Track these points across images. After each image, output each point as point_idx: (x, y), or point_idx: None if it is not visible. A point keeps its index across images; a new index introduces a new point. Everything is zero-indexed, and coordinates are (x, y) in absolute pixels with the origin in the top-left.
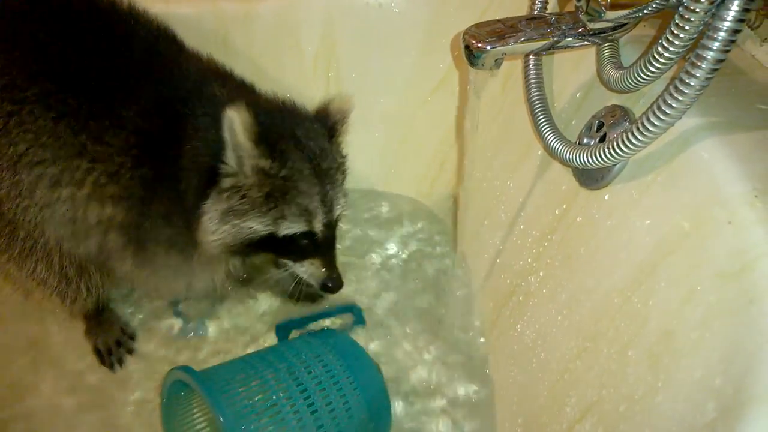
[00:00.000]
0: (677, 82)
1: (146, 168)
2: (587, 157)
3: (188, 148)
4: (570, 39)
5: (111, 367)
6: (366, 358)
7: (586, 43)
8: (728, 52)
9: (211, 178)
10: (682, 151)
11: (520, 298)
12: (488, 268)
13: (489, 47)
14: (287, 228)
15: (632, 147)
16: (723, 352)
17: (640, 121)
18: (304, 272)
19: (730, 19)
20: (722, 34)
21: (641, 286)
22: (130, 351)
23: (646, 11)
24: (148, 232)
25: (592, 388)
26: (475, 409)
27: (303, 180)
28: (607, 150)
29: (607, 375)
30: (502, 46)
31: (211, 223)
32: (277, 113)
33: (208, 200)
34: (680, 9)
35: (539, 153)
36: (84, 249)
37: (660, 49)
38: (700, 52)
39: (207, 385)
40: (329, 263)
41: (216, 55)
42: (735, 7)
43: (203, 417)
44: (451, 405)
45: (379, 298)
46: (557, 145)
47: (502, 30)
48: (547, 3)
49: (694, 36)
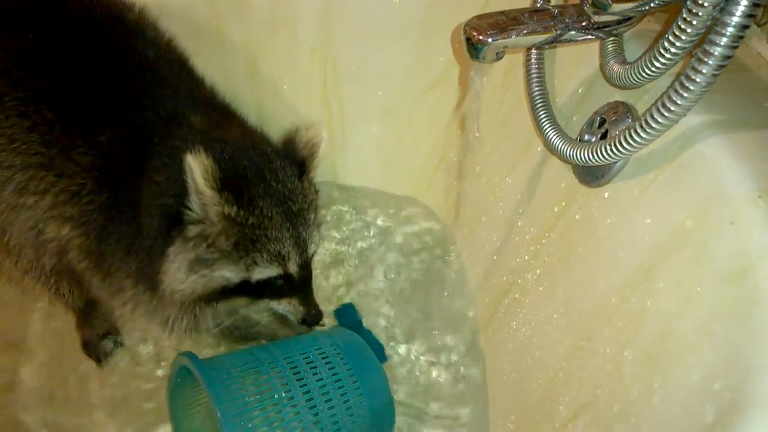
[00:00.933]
0: (683, 79)
1: (106, 196)
2: (588, 153)
3: (151, 185)
4: (573, 33)
5: (98, 360)
6: (374, 364)
7: (590, 37)
8: (736, 48)
9: (175, 221)
10: (685, 149)
11: (517, 296)
12: (485, 265)
13: (490, 40)
14: (260, 273)
15: (634, 144)
16: (722, 355)
17: (643, 118)
18: (282, 309)
19: (739, 14)
20: (730, 30)
21: (640, 286)
22: (118, 344)
23: (652, 4)
24: (111, 261)
25: (587, 388)
26: (469, 406)
27: (273, 226)
28: (608, 147)
29: (602, 375)
30: (504, 39)
31: (179, 273)
32: (245, 153)
33: (173, 245)
34: (688, 3)
35: (539, 149)
36: (48, 261)
37: (666, 44)
38: (708, 48)
39: (208, 376)
40: (306, 300)
41: (210, 47)
42: (744, 2)
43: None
44: (444, 401)
45: (374, 293)
46: (557, 141)
47: (505, 22)
48: None
49: (701, 31)
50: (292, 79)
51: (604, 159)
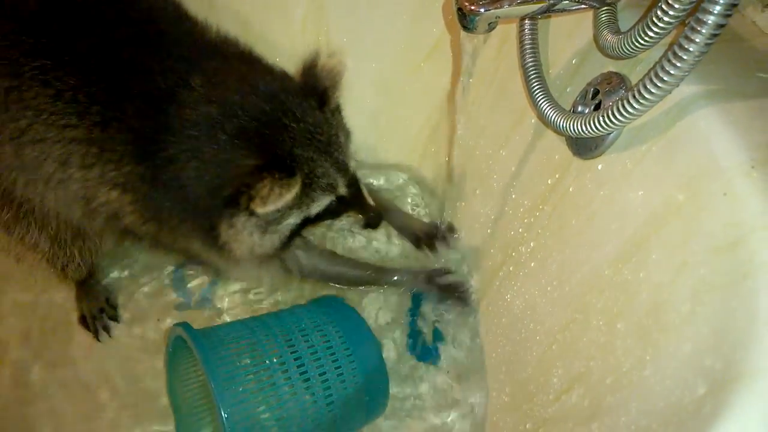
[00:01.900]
0: (675, 48)
1: (143, 167)
2: (581, 125)
3: (187, 168)
4: (567, 2)
5: (96, 334)
6: (367, 333)
7: (584, 6)
8: (729, 16)
9: (229, 200)
10: (678, 120)
11: (511, 269)
12: (479, 238)
13: (482, 10)
14: (317, 207)
15: (627, 115)
16: (713, 327)
17: (636, 89)
18: (345, 224)
19: None
20: None
21: (632, 258)
22: (114, 318)
23: None
24: (170, 226)
25: (580, 360)
26: (464, 378)
27: (316, 165)
28: (601, 118)
29: (595, 347)
30: (496, 8)
31: (252, 237)
32: (256, 107)
33: (237, 217)
34: None
35: (533, 121)
36: (95, 225)
37: (659, 13)
38: (701, 17)
39: (201, 344)
40: (363, 207)
41: (200, 16)
42: None
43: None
44: (438, 373)
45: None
46: (551, 113)
47: None
48: None
49: (694, 0)
50: (285, 51)
51: (597, 130)
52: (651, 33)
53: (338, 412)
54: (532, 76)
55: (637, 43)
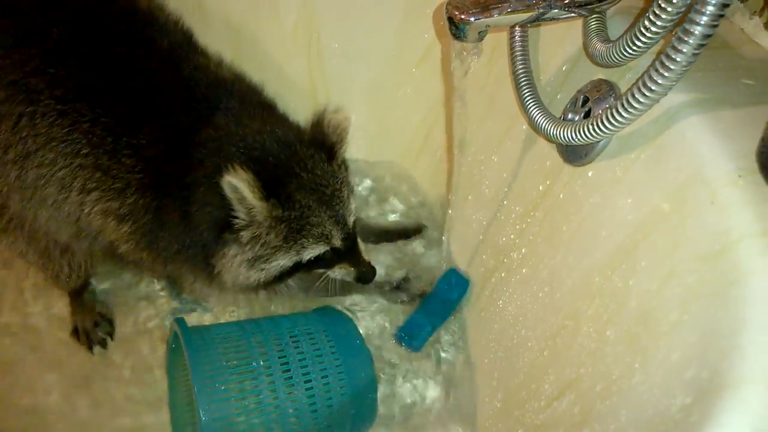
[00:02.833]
0: (663, 58)
1: (150, 198)
2: (571, 133)
3: (196, 196)
4: (556, 11)
5: (90, 348)
6: (358, 344)
7: (573, 14)
8: (716, 27)
9: (225, 226)
10: (667, 129)
11: (503, 275)
12: (472, 244)
13: (473, 19)
14: (309, 254)
15: (616, 124)
16: (700, 335)
17: (624, 98)
18: (337, 275)
19: None
20: (711, 8)
21: (622, 265)
22: (110, 334)
23: None
24: (166, 254)
25: (571, 367)
26: (455, 384)
27: (313, 213)
28: (591, 127)
29: (585, 354)
30: (486, 17)
31: (240, 269)
32: (271, 151)
33: (229, 248)
34: None
35: (524, 127)
36: (84, 247)
37: (647, 23)
38: (688, 27)
39: (190, 339)
40: (356, 261)
41: (192, 26)
42: None
43: None
44: (431, 380)
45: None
46: (542, 120)
47: (487, 1)
48: None
49: (682, 9)
50: (277, 58)
51: (586, 138)
52: (639, 42)
53: (322, 421)
54: (523, 84)
55: (626, 52)
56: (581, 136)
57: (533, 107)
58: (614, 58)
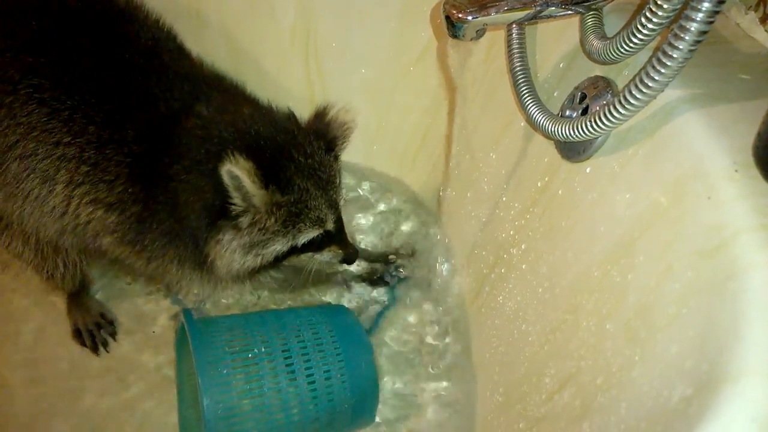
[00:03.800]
0: (659, 55)
1: (139, 188)
2: (569, 129)
3: (185, 184)
4: (553, 8)
5: (94, 349)
6: (360, 337)
7: (570, 12)
8: (712, 23)
9: (220, 213)
10: (664, 124)
11: (502, 270)
12: (471, 240)
13: (470, 17)
14: (305, 237)
15: (614, 120)
16: (699, 328)
17: (621, 95)
18: (324, 258)
19: None
20: (707, 5)
21: (620, 260)
22: (113, 335)
23: None
24: (152, 248)
25: (571, 360)
26: (457, 379)
27: (310, 197)
28: (588, 123)
29: (585, 347)
30: (484, 16)
31: (235, 255)
32: (269, 135)
33: (224, 233)
34: None
35: (522, 124)
36: (75, 242)
37: (643, 20)
38: (684, 24)
39: (194, 327)
40: (344, 243)
41: (189, 28)
42: None
43: None
44: (432, 375)
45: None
46: (539, 117)
47: None
48: None
49: (678, 7)
50: (274, 58)
51: (584, 135)
52: (635, 39)
53: (322, 407)
54: (521, 81)
55: (623, 49)
56: (579, 133)
57: (531, 104)
58: (611, 55)
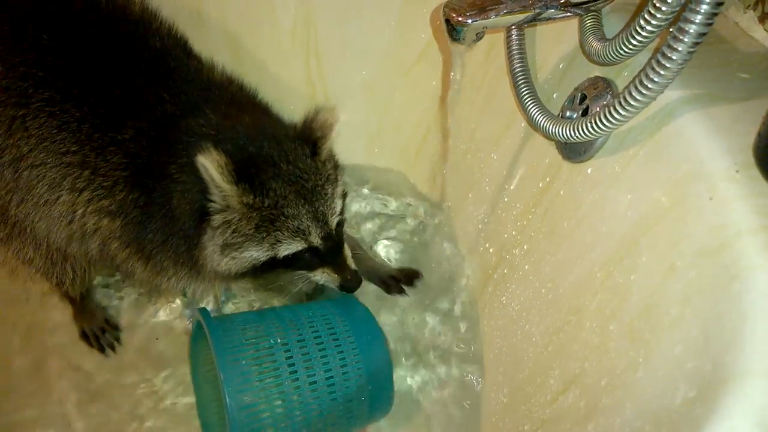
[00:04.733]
0: (659, 57)
1: (138, 191)
2: (570, 130)
3: (178, 183)
4: (552, 11)
5: (102, 350)
6: (373, 327)
7: (569, 14)
8: (711, 24)
9: (204, 213)
10: (665, 125)
11: (505, 271)
12: (473, 241)
13: (470, 21)
14: (286, 249)
15: (614, 121)
16: (703, 329)
17: (621, 96)
18: (319, 279)
19: None
20: (704, 7)
21: (623, 261)
22: (117, 339)
23: None
24: (151, 248)
25: (575, 361)
26: (461, 380)
27: (288, 205)
28: (589, 124)
29: (589, 348)
30: (483, 19)
31: (214, 256)
32: (253, 140)
33: (205, 234)
34: None
35: (522, 125)
36: (81, 249)
37: (642, 22)
38: (683, 26)
39: (211, 322)
40: (340, 266)
41: (190, 30)
42: None
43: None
44: (437, 375)
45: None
46: (540, 118)
47: (483, 2)
48: None
49: (676, 9)
50: (275, 59)
51: (585, 136)
52: (634, 41)
53: (339, 395)
54: (521, 82)
55: (622, 51)
56: (579, 134)
57: (531, 105)
58: (611, 56)
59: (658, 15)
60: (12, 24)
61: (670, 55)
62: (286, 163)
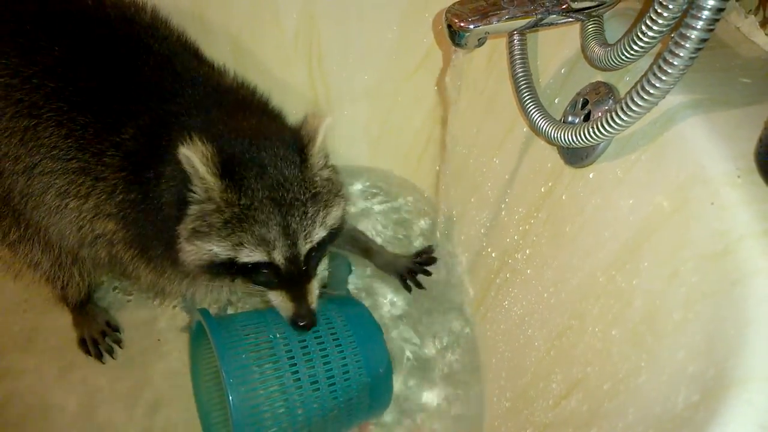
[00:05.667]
0: (661, 62)
1: (135, 192)
2: (572, 135)
3: (168, 178)
4: (554, 16)
5: (99, 357)
6: (371, 323)
7: (570, 20)
8: (712, 30)
9: (184, 204)
10: (666, 130)
11: (507, 276)
12: (476, 245)
13: (472, 26)
14: (247, 256)
15: (616, 126)
16: (705, 334)
17: (623, 101)
18: (274, 302)
19: None
20: (707, 13)
21: (625, 266)
22: (118, 342)
23: None
24: (151, 248)
25: (578, 366)
26: (464, 384)
27: (261, 209)
28: (591, 129)
29: (592, 353)
30: (486, 25)
31: (182, 243)
32: (246, 140)
33: (181, 223)
34: None
35: (524, 129)
36: (92, 253)
37: (644, 28)
38: (684, 32)
39: (211, 321)
40: (297, 298)
41: (193, 34)
42: None
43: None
44: (439, 380)
45: (366, 276)
46: (542, 123)
47: (485, 8)
48: None
49: (678, 15)
50: (278, 63)
51: (587, 141)
52: (636, 47)
53: (339, 392)
54: (523, 87)
55: (624, 56)
56: (582, 139)
57: (533, 110)
58: (612, 62)
59: (660, 20)
60: (26, 36)
61: (671, 60)
62: (273, 167)
